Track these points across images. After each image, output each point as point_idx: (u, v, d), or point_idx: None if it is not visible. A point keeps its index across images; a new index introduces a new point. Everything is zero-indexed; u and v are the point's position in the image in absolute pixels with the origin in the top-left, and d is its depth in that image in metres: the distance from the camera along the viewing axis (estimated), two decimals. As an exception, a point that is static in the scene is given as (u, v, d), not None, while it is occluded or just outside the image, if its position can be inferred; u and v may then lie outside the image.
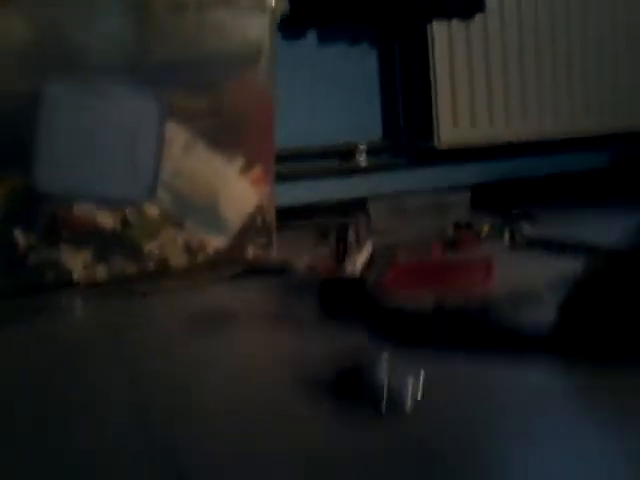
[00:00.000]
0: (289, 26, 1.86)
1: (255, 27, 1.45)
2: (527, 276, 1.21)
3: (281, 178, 1.67)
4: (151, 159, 1.41)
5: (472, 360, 0.85)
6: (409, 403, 0.69)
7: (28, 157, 1.33)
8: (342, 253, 1.18)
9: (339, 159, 2.05)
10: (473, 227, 1.69)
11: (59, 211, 1.37)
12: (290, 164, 1.93)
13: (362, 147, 2.04)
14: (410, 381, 0.71)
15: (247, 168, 1.51)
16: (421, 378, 0.72)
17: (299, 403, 0.76)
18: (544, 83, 2.09)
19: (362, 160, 2.04)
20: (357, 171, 2.05)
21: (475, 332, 0.91)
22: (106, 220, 1.40)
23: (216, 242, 1.50)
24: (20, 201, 1.35)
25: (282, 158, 1.71)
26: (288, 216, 1.77)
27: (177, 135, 1.43)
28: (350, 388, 0.73)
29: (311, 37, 1.98)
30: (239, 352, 0.98)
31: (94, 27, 1.33)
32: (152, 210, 1.44)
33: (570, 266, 0.93)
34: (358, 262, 1.19)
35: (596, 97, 2.14)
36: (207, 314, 1.17)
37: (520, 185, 2.15)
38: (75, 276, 1.39)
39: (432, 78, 2.00)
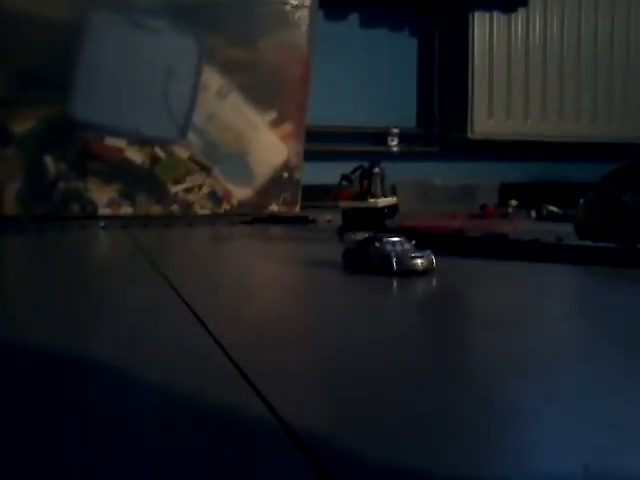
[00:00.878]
0: (332, 5, 1.89)
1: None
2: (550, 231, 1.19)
3: (308, 156, 1.64)
4: (185, 100, 1.44)
5: (488, 261, 0.84)
6: (420, 263, 0.68)
7: (67, 84, 1.36)
8: (365, 190, 1.17)
9: (370, 142, 2.05)
10: (500, 207, 1.67)
11: (90, 142, 1.39)
12: (319, 143, 1.92)
13: (395, 132, 2.04)
14: (419, 252, 0.70)
15: (278, 122, 1.52)
16: (432, 256, 0.71)
17: (315, 274, 0.76)
18: (583, 84, 2.08)
19: (394, 145, 2.04)
20: (388, 156, 2.05)
21: (492, 246, 0.89)
22: (135, 156, 1.42)
23: (241, 193, 1.51)
24: (54, 128, 1.37)
25: (311, 136, 1.69)
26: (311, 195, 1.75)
27: (213, 80, 1.46)
28: (361, 259, 0.72)
29: (352, 19, 2.00)
30: (260, 251, 0.98)
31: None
32: (182, 152, 1.45)
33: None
34: (380, 202, 1.18)
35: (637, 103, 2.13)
36: (230, 237, 1.17)
37: (553, 188, 2.13)
38: (100, 209, 1.41)
39: (470, 69, 2.01)
